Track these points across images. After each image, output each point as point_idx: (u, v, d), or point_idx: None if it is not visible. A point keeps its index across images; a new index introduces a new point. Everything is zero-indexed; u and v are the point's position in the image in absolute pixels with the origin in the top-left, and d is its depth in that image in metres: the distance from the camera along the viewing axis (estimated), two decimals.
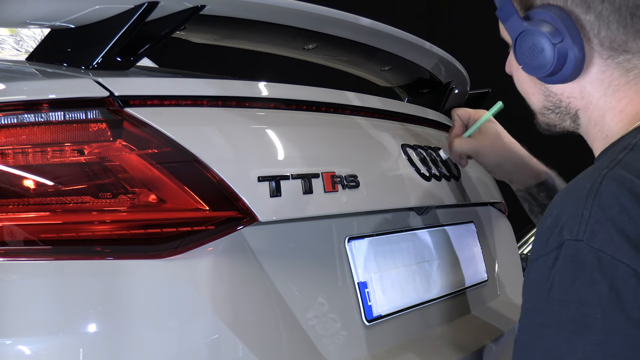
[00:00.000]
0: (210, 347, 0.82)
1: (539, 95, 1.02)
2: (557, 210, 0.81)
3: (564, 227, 0.78)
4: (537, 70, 0.95)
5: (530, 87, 1.03)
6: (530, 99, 1.06)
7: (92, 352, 0.83)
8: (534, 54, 0.93)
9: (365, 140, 1.18)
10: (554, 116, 1.03)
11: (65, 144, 0.79)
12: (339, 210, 0.96)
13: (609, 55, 0.93)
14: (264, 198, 0.85)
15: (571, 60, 0.90)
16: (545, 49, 0.91)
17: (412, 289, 1.12)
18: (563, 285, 0.77)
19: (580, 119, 0.99)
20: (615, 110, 0.94)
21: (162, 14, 0.95)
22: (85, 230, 0.83)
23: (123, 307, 0.82)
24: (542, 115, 1.05)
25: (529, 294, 0.83)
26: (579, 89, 0.96)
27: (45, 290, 0.87)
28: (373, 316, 1.03)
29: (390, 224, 1.15)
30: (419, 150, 1.26)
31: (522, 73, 1.02)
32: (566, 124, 1.03)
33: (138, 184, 0.81)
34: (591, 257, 0.75)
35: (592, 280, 0.74)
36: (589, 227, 0.76)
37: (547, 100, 1.01)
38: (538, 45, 0.92)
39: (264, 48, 1.44)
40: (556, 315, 0.77)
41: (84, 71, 0.88)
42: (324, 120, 1.14)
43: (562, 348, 0.76)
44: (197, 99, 0.92)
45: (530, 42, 0.93)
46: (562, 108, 1.00)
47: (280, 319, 0.90)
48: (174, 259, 0.81)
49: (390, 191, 1.12)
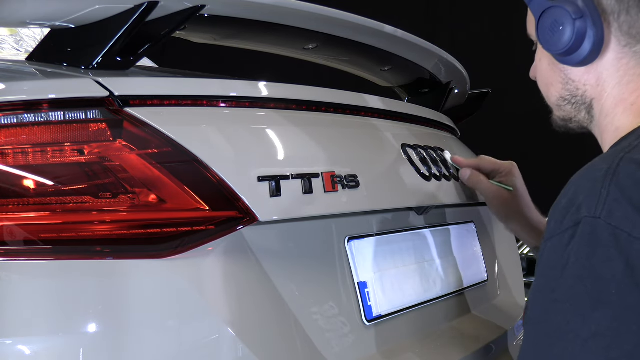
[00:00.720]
0: (211, 347, 0.82)
1: (558, 84, 1.05)
2: (574, 190, 0.83)
3: (581, 205, 0.80)
4: (555, 46, 0.97)
5: (550, 77, 1.07)
6: (550, 91, 1.08)
7: (92, 352, 0.83)
8: (554, 30, 0.96)
9: (365, 140, 1.18)
10: (569, 107, 1.05)
11: (65, 144, 0.79)
12: (339, 210, 0.96)
13: (627, 42, 0.95)
14: (264, 198, 0.85)
15: (590, 39, 0.93)
16: (566, 25, 0.94)
17: (412, 289, 1.12)
18: (579, 261, 0.78)
19: (594, 109, 1.02)
20: (627, 103, 0.96)
21: (162, 14, 0.95)
22: (85, 230, 0.83)
23: (123, 307, 0.82)
24: (559, 109, 1.08)
25: (542, 272, 0.84)
26: (595, 76, 0.99)
27: (45, 290, 0.87)
28: (373, 316, 1.03)
29: (391, 224, 1.15)
30: (419, 150, 1.26)
31: (544, 64, 1.06)
32: (581, 116, 1.05)
33: (138, 184, 0.81)
34: (608, 234, 0.76)
35: (609, 257, 0.76)
36: (606, 205, 0.77)
37: (565, 89, 1.04)
38: (559, 21, 0.95)
39: (264, 48, 1.44)
40: (571, 290, 0.78)
41: (84, 71, 0.88)
42: (324, 120, 1.14)
43: (576, 322, 0.77)
44: (197, 99, 0.92)
45: (552, 18, 0.96)
46: (578, 97, 1.03)
47: (280, 318, 0.90)
48: (174, 259, 0.81)
49: (390, 191, 1.12)
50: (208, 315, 0.83)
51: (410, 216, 1.25)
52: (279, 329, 0.89)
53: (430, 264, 1.21)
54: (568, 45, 0.95)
